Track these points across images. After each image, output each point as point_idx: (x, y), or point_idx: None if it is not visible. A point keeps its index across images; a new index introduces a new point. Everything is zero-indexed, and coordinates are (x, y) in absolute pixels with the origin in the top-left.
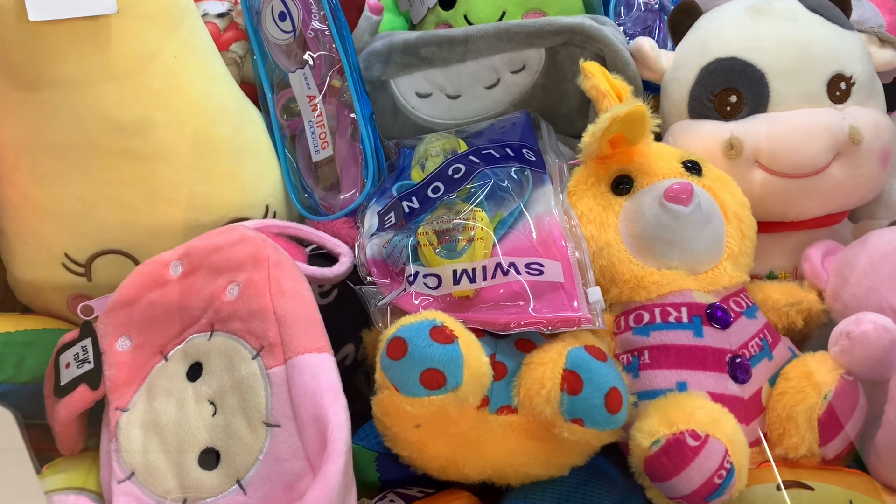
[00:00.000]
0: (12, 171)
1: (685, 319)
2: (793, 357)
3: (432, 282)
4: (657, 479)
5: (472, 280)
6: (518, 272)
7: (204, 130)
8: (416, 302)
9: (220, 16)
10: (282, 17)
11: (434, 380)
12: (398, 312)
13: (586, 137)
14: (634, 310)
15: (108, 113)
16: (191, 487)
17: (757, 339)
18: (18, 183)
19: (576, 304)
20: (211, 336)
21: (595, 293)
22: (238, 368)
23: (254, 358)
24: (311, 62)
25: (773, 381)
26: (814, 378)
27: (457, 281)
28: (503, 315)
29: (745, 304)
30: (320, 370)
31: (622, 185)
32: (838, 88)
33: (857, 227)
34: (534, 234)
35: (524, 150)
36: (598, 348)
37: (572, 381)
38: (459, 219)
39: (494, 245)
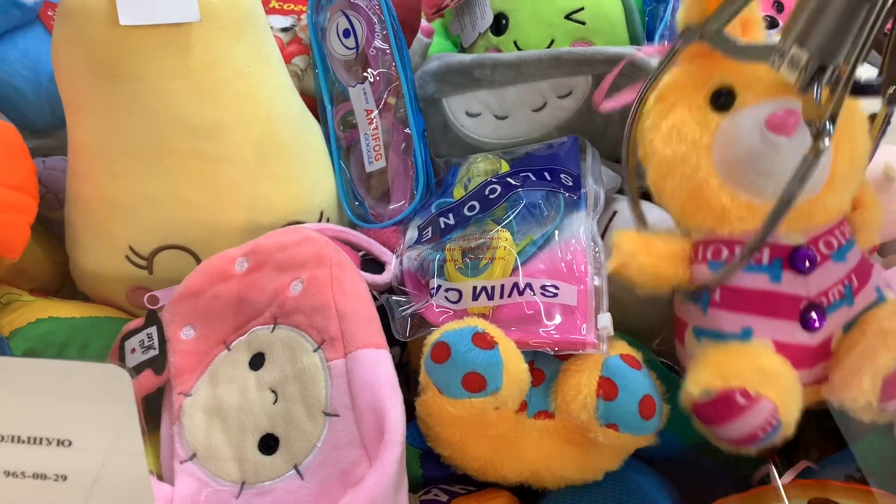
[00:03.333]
0: (87, 167)
1: (765, 262)
2: (878, 301)
3: (453, 296)
4: (703, 422)
5: (490, 297)
6: (533, 293)
7: (269, 136)
8: (437, 311)
9: (285, 30)
10: (346, 34)
11: (475, 383)
12: (418, 323)
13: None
14: (714, 242)
15: (181, 114)
16: (250, 470)
17: (840, 286)
18: (92, 178)
19: (584, 327)
20: (274, 328)
21: (603, 319)
22: (300, 359)
23: (315, 350)
24: (371, 78)
25: (847, 327)
26: (889, 339)
27: (475, 297)
28: (514, 333)
29: (836, 244)
30: (379, 365)
31: (722, 97)
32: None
33: (886, 261)
34: (559, 258)
35: (562, 175)
36: (634, 357)
37: (608, 388)
38: (485, 238)
39: (516, 265)
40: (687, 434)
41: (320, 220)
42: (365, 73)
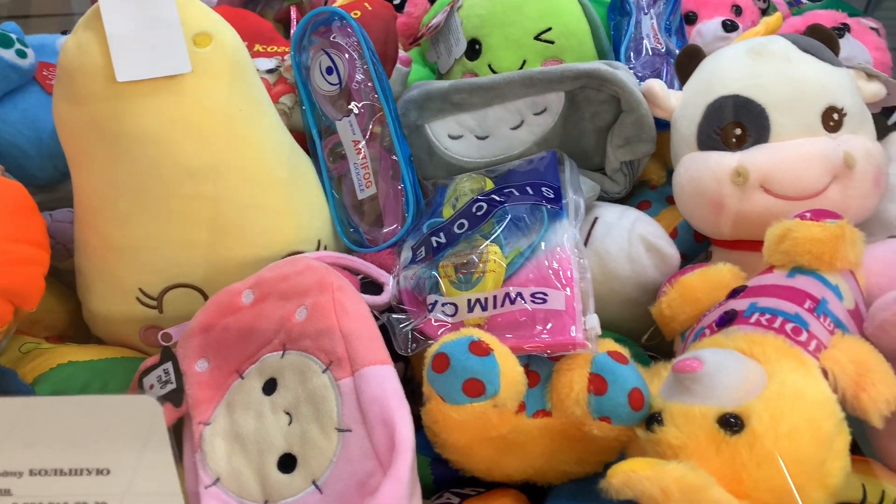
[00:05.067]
0: (93, 215)
1: None
2: None
3: (450, 310)
4: None
5: (484, 308)
6: (524, 301)
7: (263, 173)
8: (435, 325)
9: (270, 71)
10: (329, 71)
11: (475, 388)
12: (418, 338)
13: None
14: None
15: (180, 160)
16: (272, 490)
17: None
18: (97, 225)
19: (573, 329)
20: (283, 354)
21: (591, 320)
22: (310, 381)
23: (324, 371)
24: (356, 111)
25: None
26: None
27: (470, 309)
28: (509, 340)
29: None
30: (385, 380)
31: None
32: (832, 119)
33: None
34: (546, 266)
35: (543, 188)
36: (621, 353)
37: (598, 384)
38: (475, 253)
39: (507, 277)
40: None
41: (318, 249)
42: (350, 107)
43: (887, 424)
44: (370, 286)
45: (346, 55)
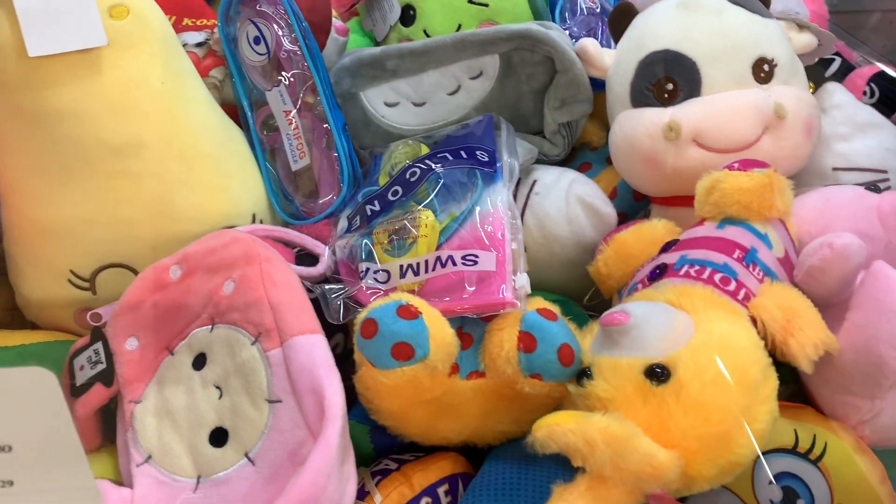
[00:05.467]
0: (16, 196)
1: None
2: None
3: (382, 276)
4: None
5: (417, 273)
6: (455, 263)
7: (192, 147)
8: (368, 293)
9: (199, 45)
10: (256, 41)
11: (403, 352)
12: (350, 307)
13: None
14: None
15: (102, 136)
16: (204, 464)
17: None
18: (22, 207)
19: (503, 288)
20: (212, 329)
21: (520, 279)
22: (239, 354)
23: (252, 343)
24: (285, 81)
25: None
26: None
27: (403, 275)
28: (441, 303)
29: None
30: (314, 349)
31: None
32: (762, 70)
33: None
34: (479, 229)
35: (478, 152)
36: (550, 310)
37: (527, 341)
38: (407, 219)
39: (440, 242)
40: None
41: (253, 223)
42: (279, 77)
43: (817, 370)
44: (307, 258)
45: (274, 24)
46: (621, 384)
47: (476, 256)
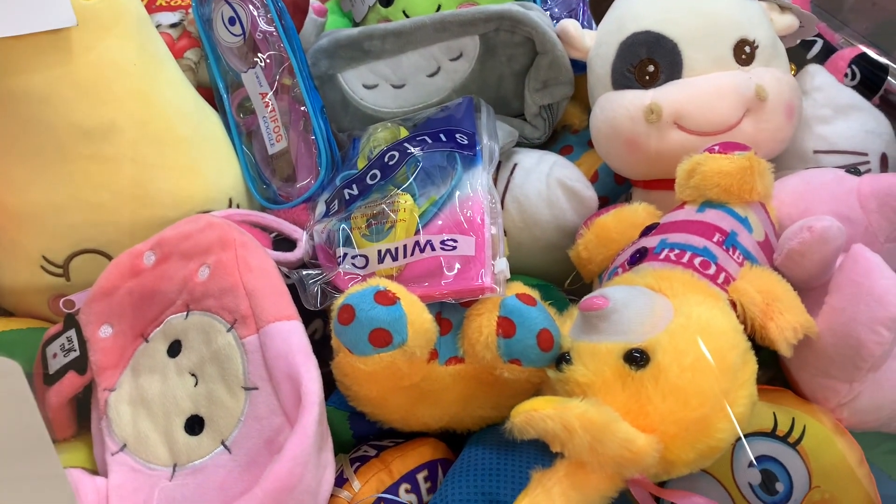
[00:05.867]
0: None
1: None
2: None
3: (360, 262)
4: None
5: (395, 258)
6: (433, 248)
7: (166, 131)
8: (346, 278)
9: (173, 26)
10: (231, 21)
11: (381, 338)
12: (327, 293)
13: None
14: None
15: (73, 119)
16: (179, 452)
17: None
18: None
19: (482, 273)
20: (187, 315)
21: (500, 264)
22: (215, 341)
23: (228, 330)
24: (261, 62)
25: None
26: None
27: (381, 260)
28: (420, 289)
29: None
30: (290, 335)
31: None
32: (743, 52)
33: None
34: (458, 213)
35: (458, 135)
36: (529, 295)
37: (506, 326)
38: (385, 203)
39: (418, 226)
40: None
41: (230, 207)
42: (255, 58)
43: (796, 353)
44: (285, 244)
45: (249, 4)
46: (600, 369)
47: (455, 241)
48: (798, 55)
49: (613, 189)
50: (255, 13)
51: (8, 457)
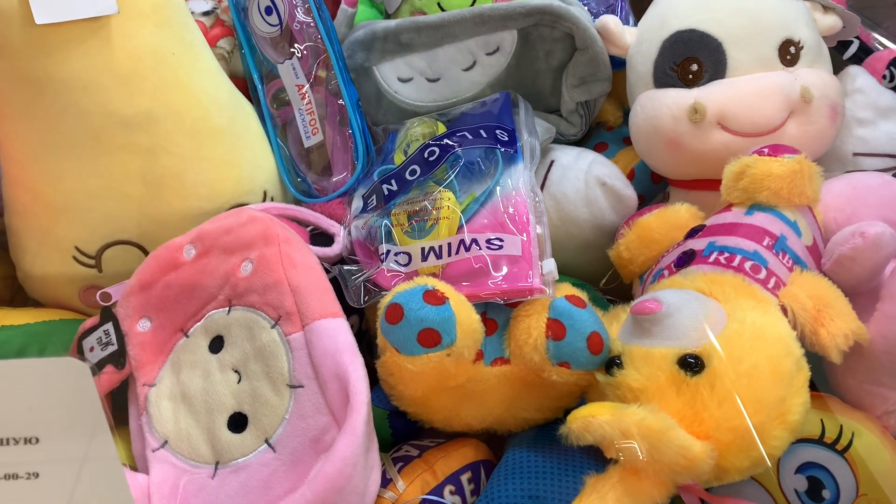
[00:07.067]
0: (20, 170)
1: None
2: None
3: (403, 259)
4: None
5: (439, 256)
6: (479, 247)
7: (202, 121)
8: (389, 275)
9: (206, 14)
10: (268, 11)
11: (430, 338)
12: (371, 289)
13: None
14: None
15: (111, 108)
16: (222, 450)
17: None
18: (26, 181)
19: (530, 274)
20: (229, 311)
21: (548, 265)
22: (259, 337)
23: (273, 327)
24: (298, 53)
25: None
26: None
27: (424, 258)
28: (465, 288)
29: None
30: (337, 333)
31: None
32: (788, 52)
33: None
34: (502, 211)
35: (497, 131)
36: (579, 297)
37: (556, 329)
38: (428, 200)
39: (461, 223)
40: None
41: (264, 200)
42: (292, 49)
43: (844, 359)
44: (320, 238)
45: None
46: (654, 374)
47: (501, 240)
48: (833, 56)
49: (650, 188)
50: (293, 2)
51: (70, 460)
